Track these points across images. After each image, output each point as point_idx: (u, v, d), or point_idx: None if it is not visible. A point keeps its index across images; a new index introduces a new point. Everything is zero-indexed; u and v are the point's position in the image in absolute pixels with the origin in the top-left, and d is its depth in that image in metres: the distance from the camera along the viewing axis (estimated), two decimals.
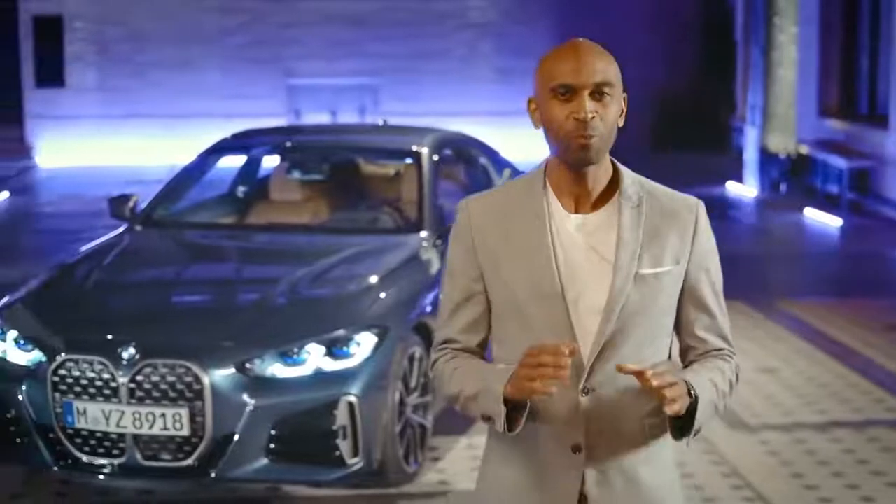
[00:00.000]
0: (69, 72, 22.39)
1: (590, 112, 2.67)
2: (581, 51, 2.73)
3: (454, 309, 2.89)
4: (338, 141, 8.24)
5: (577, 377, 2.72)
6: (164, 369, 5.45)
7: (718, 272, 2.89)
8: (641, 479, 2.80)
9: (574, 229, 2.78)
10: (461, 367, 2.85)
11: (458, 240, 2.88)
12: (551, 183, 2.81)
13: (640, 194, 2.81)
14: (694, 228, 2.82)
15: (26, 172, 20.58)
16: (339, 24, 22.54)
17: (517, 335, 2.78)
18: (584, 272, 2.75)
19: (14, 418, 5.70)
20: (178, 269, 6.80)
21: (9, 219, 15.51)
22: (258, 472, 5.52)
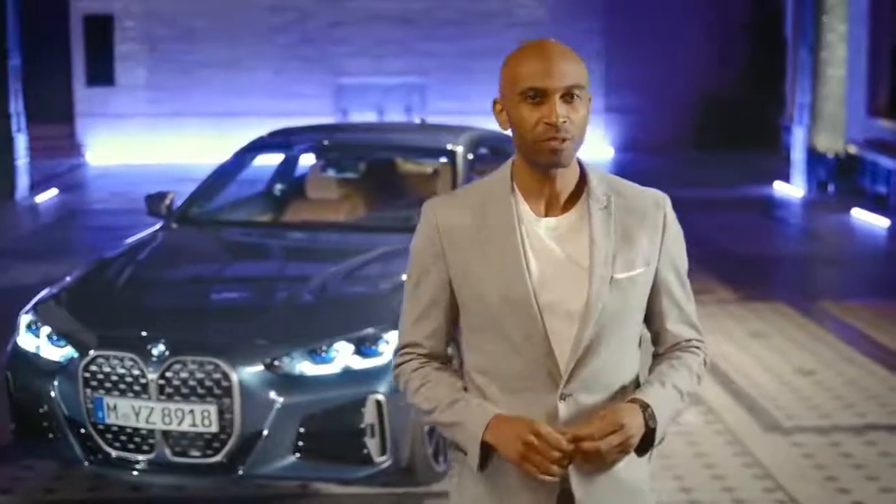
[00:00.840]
0: (119, 71, 22.59)
1: (561, 117, 2.64)
2: (550, 53, 2.68)
3: (421, 313, 2.87)
4: (374, 140, 8.26)
5: (554, 383, 2.72)
6: (193, 366, 5.48)
7: (685, 262, 2.89)
8: (623, 475, 2.79)
9: (544, 233, 2.75)
10: (431, 382, 2.84)
11: (424, 245, 2.83)
12: (518, 185, 2.78)
13: (607, 194, 2.78)
14: (663, 226, 2.81)
15: (76, 170, 20.78)
16: (388, 24, 22.58)
17: (493, 344, 2.76)
18: (556, 278, 2.72)
19: (46, 413, 5.74)
20: (210, 266, 6.83)
21: (57, 216, 15.65)
22: (286, 470, 5.53)
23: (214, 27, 22.34)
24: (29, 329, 5.97)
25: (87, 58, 22.59)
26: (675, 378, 2.81)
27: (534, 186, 2.75)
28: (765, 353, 8.48)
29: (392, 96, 22.45)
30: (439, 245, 2.80)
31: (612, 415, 2.65)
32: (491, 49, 22.78)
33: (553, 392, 2.72)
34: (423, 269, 2.84)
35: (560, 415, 2.72)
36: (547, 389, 2.72)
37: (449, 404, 2.79)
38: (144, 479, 5.69)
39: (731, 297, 10.33)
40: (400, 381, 2.92)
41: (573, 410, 2.73)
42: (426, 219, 2.84)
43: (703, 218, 14.84)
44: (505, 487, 2.80)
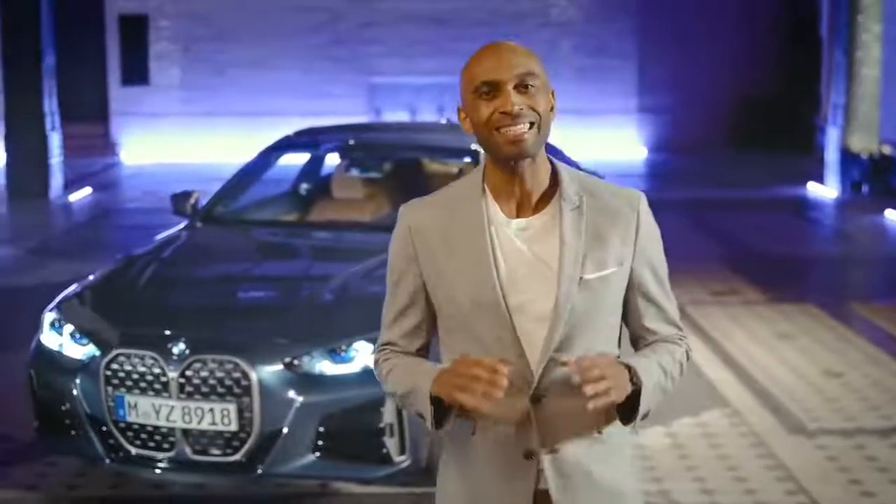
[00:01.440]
0: (153, 70, 22.71)
1: (517, 105, 2.65)
2: (499, 48, 2.72)
3: (396, 316, 2.89)
4: (398, 139, 8.25)
5: (526, 385, 2.72)
6: (213, 365, 5.49)
7: (662, 261, 2.87)
8: (603, 475, 2.79)
9: (514, 235, 2.74)
10: (397, 365, 2.86)
11: (398, 248, 2.86)
12: (490, 187, 2.78)
13: (580, 194, 2.77)
14: (636, 225, 2.80)
15: (110, 169, 20.90)
16: (419, 23, 22.60)
17: (465, 345, 2.76)
18: (526, 279, 2.72)
19: (68, 411, 5.78)
20: (232, 265, 6.84)
21: (90, 214, 15.74)
22: (305, 469, 5.54)
23: (247, 27, 22.42)
24: (52, 327, 6.00)
25: (121, 57, 22.73)
26: (658, 356, 2.80)
27: (504, 187, 2.75)
28: (792, 355, 8.43)
29: (424, 96, 22.45)
30: (412, 248, 2.82)
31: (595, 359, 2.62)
32: None
33: (526, 394, 2.72)
34: (398, 272, 2.87)
35: (534, 416, 2.73)
36: (520, 391, 2.72)
37: (407, 377, 2.80)
38: (165, 476, 5.72)
39: (760, 298, 10.27)
40: (377, 375, 2.94)
41: (547, 412, 2.73)
42: (400, 222, 2.86)
43: (733, 219, 14.78)
44: (479, 487, 2.80)
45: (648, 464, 6.32)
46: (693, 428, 6.88)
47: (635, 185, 15.13)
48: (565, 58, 22.89)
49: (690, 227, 14.32)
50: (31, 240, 13.63)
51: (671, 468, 6.27)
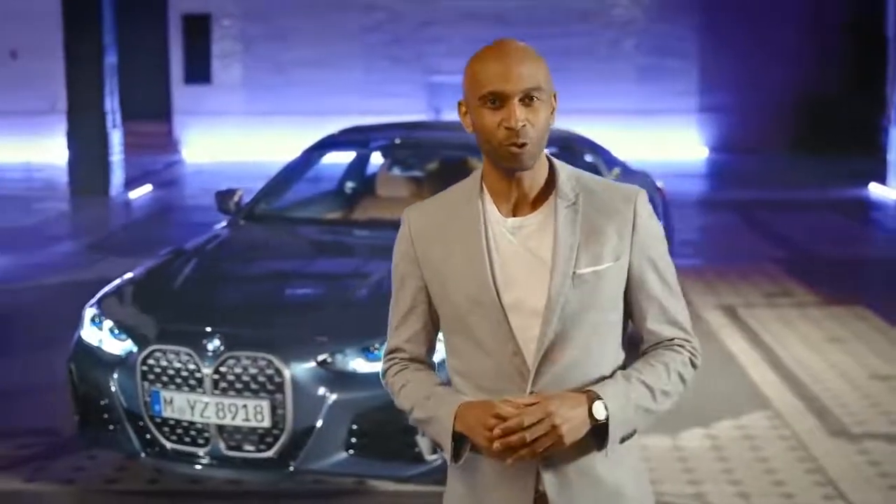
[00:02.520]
0: (215, 69, 22.90)
1: (520, 121, 2.63)
2: (508, 55, 2.67)
3: (401, 319, 2.91)
4: (442, 138, 8.22)
5: (523, 381, 2.71)
6: (247, 361, 5.53)
7: (665, 259, 2.84)
8: (600, 475, 2.77)
9: (510, 233, 2.75)
10: (410, 382, 2.87)
11: (400, 250, 2.87)
12: (487, 187, 2.78)
13: (576, 191, 2.77)
14: (633, 220, 2.77)
15: (172, 167, 21.11)
16: (481, 22, 22.58)
17: (465, 346, 2.78)
18: (522, 276, 2.72)
19: (107, 406, 5.85)
20: (270, 263, 6.88)
21: (149, 212, 15.92)
22: (337, 466, 5.55)
23: (308, 27, 22.55)
24: (92, 322, 6.08)
25: (184, 56, 22.95)
26: (645, 374, 2.76)
27: (501, 187, 2.76)
28: (841, 358, 8.33)
29: None
30: (413, 251, 2.84)
31: (544, 402, 2.62)
32: (585, 48, 22.70)
33: (523, 390, 2.71)
34: (401, 276, 2.88)
35: None
36: (517, 388, 2.71)
37: (423, 400, 2.81)
38: (199, 472, 5.76)
39: (812, 300, 10.15)
40: (387, 386, 2.96)
41: None
42: (402, 226, 2.88)
43: (791, 220, 14.64)
44: (481, 488, 2.81)
45: (685, 466, 6.28)
46: (733, 430, 6.82)
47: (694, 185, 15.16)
48: (627, 57, 22.80)
49: (746, 227, 14.20)
50: (91, 236, 13.82)
51: (708, 470, 6.22)
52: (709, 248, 12.83)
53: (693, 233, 13.60)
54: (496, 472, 2.78)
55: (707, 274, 11.26)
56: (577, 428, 2.63)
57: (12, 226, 14.60)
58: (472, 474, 2.83)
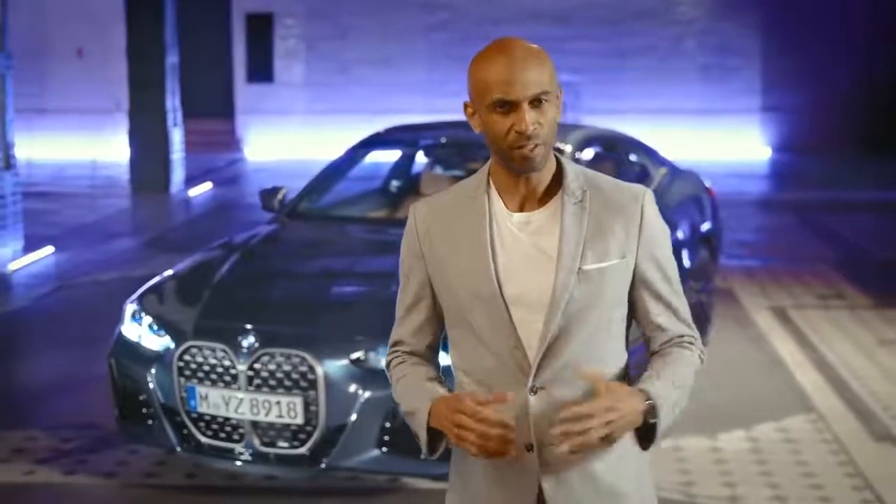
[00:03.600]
0: (278, 68, 23.06)
1: (531, 124, 2.64)
2: (513, 61, 2.66)
3: (405, 312, 2.93)
4: None
5: (524, 376, 2.72)
6: (281, 358, 5.57)
7: (671, 259, 2.84)
8: (598, 474, 2.77)
9: (517, 228, 2.75)
10: (404, 376, 2.89)
11: (407, 244, 2.90)
12: (495, 183, 2.79)
13: (583, 188, 2.77)
14: (640, 219, 2.77)
15: (233, 165, 21.29)
16: (543, 22, 22.56)
17: (467, 340, 2.79)
18: (526, 271, 2.73)
19: (145, 401, 5.93)
20: (308, 260, 6.90)
21: (207, 209, 16.06)
22: (369, 463, 5.58)
23: (370, 25, 22.64)
24: (133, 318, 6.15)
25: (247, 55, 23.13)
26: (677, 374, 2.77)
27: (509, 183, 2.77)
28: (890, 362, 8.23)
29: None
30: (418, 246, 2.86)
31: (613, 394, 2.61)
32: (646, 48, 22.59)
33: (525, 385, 2.72)
34: (407, 270, 2.91)
35: (531, 408, 2.72)
36: (518, 383, 2.72)
37: (410, 394, 2.83)
38: (234, 467, 5.82)
39: (866, 303, 10.03)
40: (389, 379, 2.98)
41: (545, 404, 2.72)
42: (409, 221, 2.90)
43: (851, 221, 14.47)
44: (482, 488, 2.82)
45: (723, 468, 6.23)
46: (774, 433, 6.76)
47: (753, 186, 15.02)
48: (689, 56, 22.65)
49: (804, 229, 14.06)
50: (148, 233, 13.98)
51: (746, 473, 6.17)
52: (763, 249, 12.71)
53: (748, 233, 13.49)
54: (497, 472, 2.79)
55: (760, 275, 11.17)
56: (628, 426, 2.64)
57: (75, 222, 14.81)
58: (473, 474, 2.83)
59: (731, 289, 10.50)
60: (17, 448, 6.56)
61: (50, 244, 12.60)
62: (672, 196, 8.20)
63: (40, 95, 23.11)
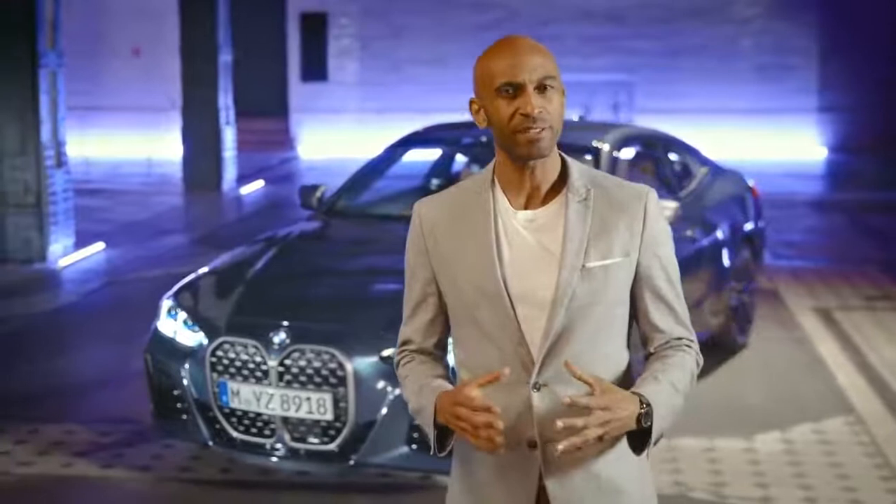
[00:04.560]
0: (332, 67, 23.16)
1: (537, 107, 2.66)
2: (519, 47, 2.71)
3: (412, 311, 2.93)
4: None
5: (527, 373, 2.73)
6: (311, 355, 5.62)
7: (672, 260, 2.84)
8: (601, 472, 2.77)
9: (521, 226, 2.76)
10: (410, 375, 2.90)
11: (412, 243, 2.90)
12: (500, 180, 2.81)
13: (587, 187, 2.78)
14: (643, 218, 2.78)
15: (287, 163, 21.41)
16: (596, 21, 22.50)
17: (471, 337, 2.79)
18: (531, 268, 2.74)
19: (180, 396, 5.99)
20: (342, 258, 6.92)
21: (258, 206, 16.17)
22: (398, 460, 5.60)
23: (423, 25, 22.69)
24: (168, 314, 6.22)
25: (302, 54, 23.26)
26: (676, 378, 2.77)
27: (514, 180, 2.78)
28: None
29: (599, 94, 22.34)
30: (422, 243, 2.86)
31: (604, 396, 2.60)
32: (701, 47, 22.45)
33: (527, 382, 2.73)
34: (412, 268, 2.91)
35: (534, 405, 2.73)
36: (521, 380, 2.73)
37: (417, 391, 2.84)
38: (264, 462, 5.86)
39: None
40: (398, 378, 2.99)
41: (548, 401, 2.73)
42: (413, 219, 2.91)
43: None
44: (484, 482, 2.82)
45: (756, 469, 6.20)
46: (810, 434, 6.71)
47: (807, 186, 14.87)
48: (745, 55, 22.49)
49: (854, 230, 13.93)
50: (198, 230, 14.11)
51: (779, 474, 6.13)
52: (812, 249, 12.60)
53: (798, 234, 13.38)
54: (499, 467, 2.80)
55: (807, 276, 11.07)
56: (622, 428, 2.65)
57: (127, 219, 14.97)
58: (475, 468, 2.84)
59: (777, 289, 10.43)
60: (56, 441, 6.65)
61: (101, 241, 12.75)
62: (712, 195, 8.16)
63: (96, 93, 23.37)
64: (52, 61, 11.86)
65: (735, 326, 8.25)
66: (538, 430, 2.74)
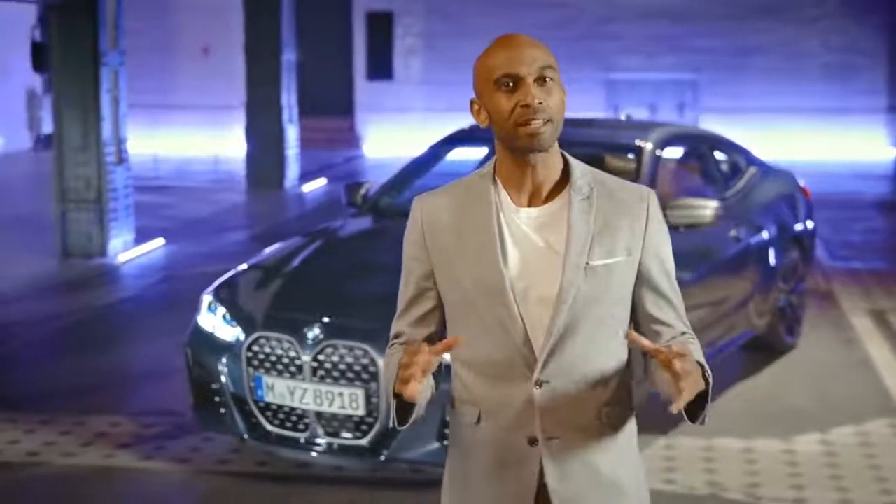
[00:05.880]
0: (397, 66, 23.25)
1: (537, 98, 2.68)
2: (517, 41, 2.74)
3: (406, 305, 2.94)
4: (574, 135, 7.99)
5: (529, 370, 2.74)
6: (344, 350, 5.67)
7: (671, 260, 2.85)
8: (601, 469, 2.78)
9: (524, 223, 2.77)
10: (391, 361, 2.88)
11: (410, 237, 2.91)
12: (501, 177, 2.81)
13: (590, 185, 2.78)
14: (646, 218, 2.80)
15: (351, 161, 21.54)
16: (660, 19, 22.39)
17: (472, 333, 2.79)
18: (534, 265, 2.74)
19: (218, 390, 6.08)
20: (380, 254, 6.92)
21: (319, 204, 16.28)
22: (428, 456, 5.64)
23: (487, 23, 22.66)
24: (209, 309, 6.31)
25: (367, 53, 23.38)
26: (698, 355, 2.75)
27: (516, 177, 2.78)
28: None
29: (664, 92, 22.25)
30: (422, 238, 2.87)
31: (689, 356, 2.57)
32: (767, 46, 22.25)
33: (529, 379, 2.74)
34: (409, 262, 2.92)
35: (536, 402, 2.75)
36: (523, 377, 2.75)
37: (387, 373, 2.84)
38: (298, 456, 5.93)
39: None
40: None
41: (549, 398, 2.74)
42: (412, 213, 2.92)
43: None
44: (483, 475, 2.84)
45: (793, 470, 6.15)
46: (851, 436, 6.64)
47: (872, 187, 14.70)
48: (811, 54, 22.25)
49: None
50: (257, 227, 14.25)
51: (816, 476, 6.08)
52: (873, 251, 12.44)
53: (859, 235, 13.23)
54: (498, 462, 2.82)
55: (864, 278, 10.95)
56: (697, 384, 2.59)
57: (189, 216, 15.15)
58: (473, 462, 2.86)
59: (832, 290, 10.33)
60: (100, 432, 6.77)
61: (162, 237, 12.93)
62: (760, 195, 8.10)
63: (167, 91, 23.67)
64: (114, 60, 12.05)
65: (783, 327, 8.18)
66: (540, 427, 2.76)
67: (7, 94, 22.65)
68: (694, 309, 6.83)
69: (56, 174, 11.99)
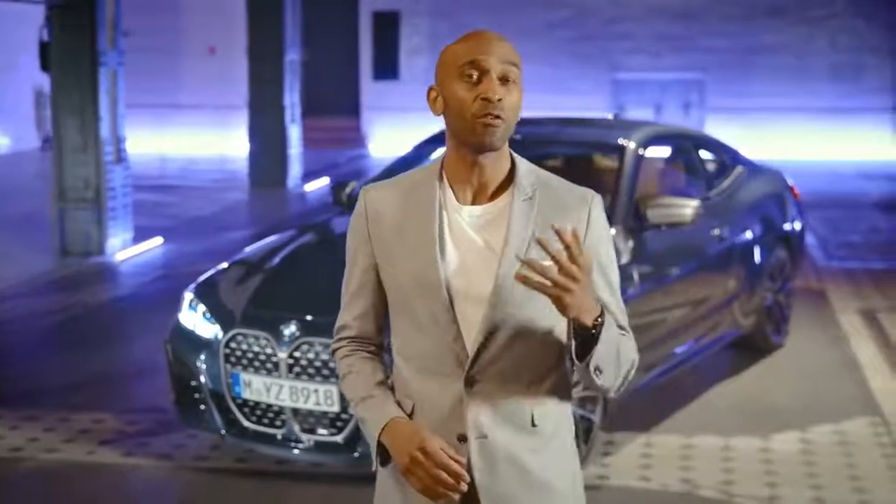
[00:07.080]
0: (403, 65, 23.29)
1: (498, 94, 2.68)
2: (487, 36, 2.75)
3: (351, 297, 2.95)
4: (568, 135, 8.04)
5: (460, 367, 2.75)
6: (319, 347, 5.71)
7: (612, 265, 2.85)
8: (532, 469, 2.79)
9: (466, 221, 2.77)
10: (353, 372, 2.91)
11: (354, 228, 2.91)
12: (448, 174, 2.81)
13: (533, 186, 2.78)
14: (587, 221, 2.79)
15: (356, 161, 21.57)
16: (667, 19, 22.37)
17: (407, 328, 2.81)
18: (472, 264, 2.75)
19: (197, 387, 6.12)
20: None
21: (320, 203, 16.27)
22: None
23: (494, 23, 22.67)
24: (190, 306, 6.36)
25: (374, 53, 23.42)
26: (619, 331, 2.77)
27: (463, 175, 2.79)
28: None
29: (670, 92, 22.24)
30: (365, 229, 2.88)
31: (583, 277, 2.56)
32: (775, 45, 22.22)
33: (460, 377, 2.75)
34: (354, 253, 2.93)
35: (466, 399, 2.75)
36: (455, 374, 2.75)
37: (362, 399, 2.85)
38: (274, 452, 5.97)
39: None
40: (337, 367, 3.02)
41: (480, 396, 2.75)
42: (358, 204, 2.91)
43: None
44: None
45: (768, 468, 6.17)
46: (830, 436, 6.66)
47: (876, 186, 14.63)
48: (820, 54, 22.20)
49: None
50: (258, 226, 14.28)
51: (791, 474, 6.10)
52: (870, 251, 12.41)
53: (858, 235, 13.21)
54: None
55: (860, 277, 10.95)
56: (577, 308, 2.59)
57: (191, 215, 15.21)
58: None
59: (824, 290, 10.33)
60: (83, 429, 6.82)
61: (160, 235, 12.98)
62: (746, 195, 8.11)
63: (173, 91, 23.76)
64: (112, 60, 12.11)
65: (769, 326, 8.20)
66: (470, 424, 2.76)
67: (16, 93, 22.74)
68: (674, 308, 6.89)
69: (55, 173, 12.06)
